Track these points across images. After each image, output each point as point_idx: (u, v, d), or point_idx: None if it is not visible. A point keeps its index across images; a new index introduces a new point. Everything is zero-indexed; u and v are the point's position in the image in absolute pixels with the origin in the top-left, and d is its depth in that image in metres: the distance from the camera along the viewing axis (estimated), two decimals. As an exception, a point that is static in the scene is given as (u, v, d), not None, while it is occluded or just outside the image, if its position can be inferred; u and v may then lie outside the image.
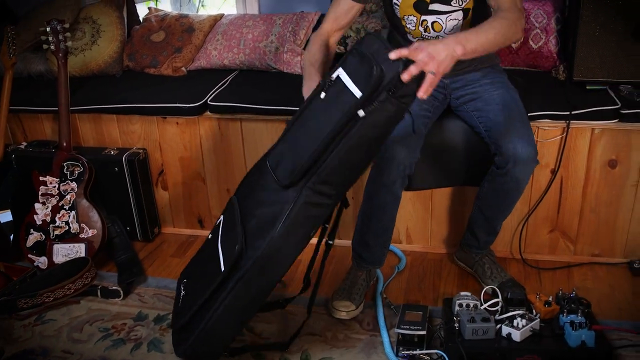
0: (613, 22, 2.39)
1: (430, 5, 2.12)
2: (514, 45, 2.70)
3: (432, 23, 2.15)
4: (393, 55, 1.62)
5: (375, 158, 2.10)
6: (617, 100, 2.36)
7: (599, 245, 2.52)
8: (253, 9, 3.36)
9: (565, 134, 2.33)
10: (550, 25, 2.67)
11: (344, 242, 2.70)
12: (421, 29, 2.18)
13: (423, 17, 2.15)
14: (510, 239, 2.53)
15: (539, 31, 2.67)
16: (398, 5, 2.17)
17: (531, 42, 2.68)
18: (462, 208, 2.55)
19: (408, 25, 2.20)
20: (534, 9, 2.69)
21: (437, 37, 2.16)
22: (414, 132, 2.12)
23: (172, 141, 2.74)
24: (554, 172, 2.41)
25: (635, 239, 2.48)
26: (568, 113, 2.31)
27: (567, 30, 2.63)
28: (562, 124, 2.33)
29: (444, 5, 2.11)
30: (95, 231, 2.58)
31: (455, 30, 2.15)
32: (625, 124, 2.32)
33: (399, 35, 2.28)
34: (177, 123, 2.70)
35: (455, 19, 2.14)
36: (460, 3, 2.11)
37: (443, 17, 2.14)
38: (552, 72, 2.66)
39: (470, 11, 2.13)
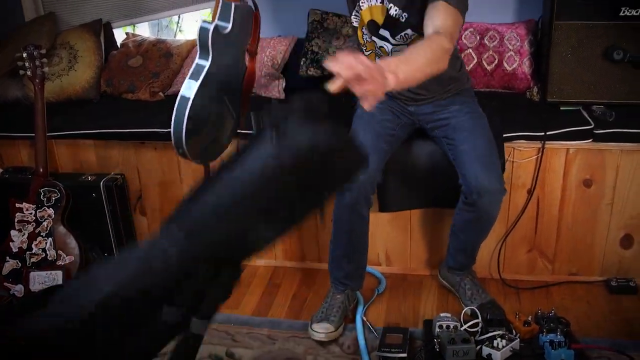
0: (584, 44, 2.44)
1: (380, 29, 2.15)
2: (488, 68, 2.74)
3: (380, 47, 2.20)
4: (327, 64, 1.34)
5: None
6: (590, 121, 2.40)
7: (576, 264, 2.55)
8: (231, 33, 3.38)
9: (540, 155, 2.37)
10: (523, 48, 2.72)
11: (324, 266, 2.70)
12: (375, 47, 2.22)
13: (374, 38, 2.19)
14: (488, 259, 2.55)
15: (513, 53, 2.72)
16: (358, 18, 2.19)
17: (506, 64, 2.72)
18: (441, 229, 2.56)
19: (364, 37, 2.24)
20: (507, 32, 2.74)
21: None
22: (374, 152, 2.14)
23: (150, 166, 2.73)
24: (530, 192, 2.43)
25: (611, 257, 2.51)
26: (543, 134, 2.34)
27: (540, 53, 2.68)
28: (537, 144, 2.36)
29: (390, 37, 2.15)
30: (72, 258, 2.55)
31: None
32: (598, 144, 2.36)
33: (358, 45, 2.31)
34: (155, 148, 2.69)
35: (399, 51, 2.16)
36: (404, 39, 2.14)
37: (389, 45, 2.18)
38: (526, 93, 2.70)
39: None
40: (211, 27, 1.96)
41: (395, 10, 2.07)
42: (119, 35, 3.36)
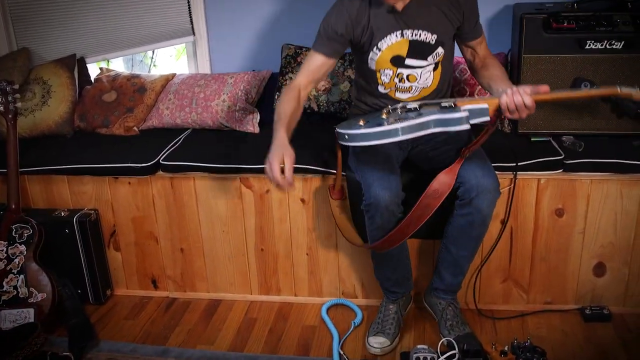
0: (552, 77, 2.50)
1: (406, 60, 2.23)
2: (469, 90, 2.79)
3: (407, 75, 2.27)
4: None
5: (362, 206, 2.18)
6: (560, 151, 2.44)
7: (551, 292, 2.57)
8: (205, 68, 3.40)
9: (512, 185, 2.40)
10: (494, 81, 2.77)
11: (300, 299, 2.70)
12: (396, 79, 2.28)
13: (399, 70, 2.26)
14: (464, 289, 2.55)
15: (483, 86, 2.77)
16: (374, 60, 2.26)
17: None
18: (417, 261, 2.57)
19: (382, 78, 2.30)
20: (477, 65, 2.79)
21: (410, 87, 2.29)
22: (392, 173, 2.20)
23: (124, 201, 2.72)
24: (503, 223, 2.46)
25: (585, 285, 2.53)
26: (514, 165, 2.37)
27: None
28: (509, 175, 2.40)
29: (420, 61, 2.24)
30: (45, 295, 2.51)
31: (427, 79, 2.28)
32: (569, 174, 2.40)
33: (368, 85, 2.36)
34: (129, 183, 2.68)
35: (428, 72, 2.27)
36: (435, 58, 2.24)
37: (418, 70, 2.25)
38: (497, 125, 2.74)
39: (440, 64, 2.27)
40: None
41: (425, 35, 2.19)
42: (93, 70, 3.36)
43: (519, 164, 2.37)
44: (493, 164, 2.37)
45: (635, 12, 2.42)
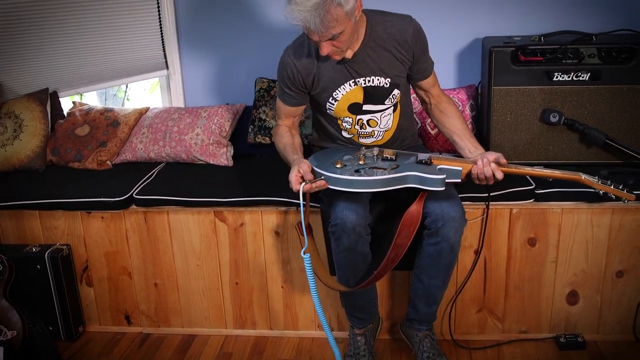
0: (521, 108, 2.55)
1: (364, 106, 2.25)
2: (432, 132, 2.82)
3: (368, 121, 2.29)
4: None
5: (329, 228, 2.17)
6: (531, 181, 2.48)
7: (525, 321, 2.58)
8: (179, 102, 3.40)
9: (485, 215, 2.42)
10: (465, 113, 2.81)
11: (275, 333, 2.69)
12: (357, 127, 2.31)
13: (358, 117, 2.28)
14: (440, 320, 2.56)
15: (455, 118, 2.80)
16: (333, 110, 2.28)
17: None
18: (391, 292, 2.57)
19: (344, 125, 2.32)
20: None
21: (372, 132, 2.31)
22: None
23: (97, 236, 2.69)
24: (477, 253, 2.48)
25: (559, 313, 2.55)
26: (487, 195, 2.40)
27: (481, 116, 2.78)
28: (481, 205, 2.42)
29: (378, 105, 2.26)
30: (15, 332, 2.47)
31: (388, 122, 2.30)
32: (540, 204, 2.43)
33: (331, 129, 2.38)
34: (102, 217, 2.65)
35: (388, 114, 2.29)
36: (392, 100, 2.26)
37: (377, 114, 2.28)
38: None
39: (399, 104, 2.29)
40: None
41: (378, 80, 2.20)
42: (66, 103, 3.35)
43: (491, 194, 2.40)
44: (466, 194, 2.40)
45: (600, 45, 2.49)
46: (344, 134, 2.35)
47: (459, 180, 2.04)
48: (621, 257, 2.46)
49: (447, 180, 2.01)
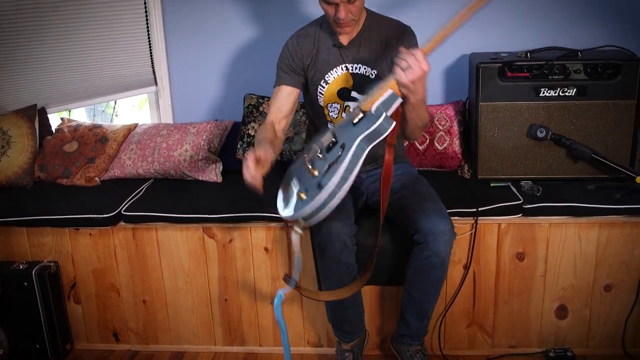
0: (509, 123, 2.57)
1: (352, 92, 2.32)
2: (420, 148, 2.83)
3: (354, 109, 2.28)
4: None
5: (315, 237, 2.18)
6: (519, 196, 2.49)
7: (515, 336, 2.58)
8: (167, 118, 3.40)
9: (474, 230, 2.43)
10: (453, 128, 2.83)
11: (265, 349, 2.67)
12: (344, 114, 2.33)
13: (346, 103, 2.33)
14: (430, 335, 2.55)
15: (443, 133, 2.82)
16: (322, 94, 2.33)
17: (437, 144, 2.82)
18: (382, 307, 2.57)
19: (331, 114, 2.36)
20: (437, 112, 2.86)
21: None
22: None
23: (85, 253, 2.67)
24: (466, 268, 2.48)
25: (548, 327, 2.56)
26: (475, 210, 2.41)
27: (469, 132, 2.80)
28: (470, 220, 2.43)
29: (361, 96, 2.27)
30: (1, 351, 2.44)
31: None
32: (528, 218, 2.44)
33: (318, 122, 2.43)
34: (90, 234, 2.64)
35: None
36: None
37: None
38: (457, 171, 2.80)
39: None
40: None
41: (365, 69, 2.29)
42: (54, 119, 3.34)
43: (480, 209, 2.41)
44: (454, 210, 2.41)
45: (586, 61, 2.51)
46: (330, 126, 2.37)
47: (400, 99, 1.88)
48: (609, 272, 2.47)
49: (391, 110, 1.85)
